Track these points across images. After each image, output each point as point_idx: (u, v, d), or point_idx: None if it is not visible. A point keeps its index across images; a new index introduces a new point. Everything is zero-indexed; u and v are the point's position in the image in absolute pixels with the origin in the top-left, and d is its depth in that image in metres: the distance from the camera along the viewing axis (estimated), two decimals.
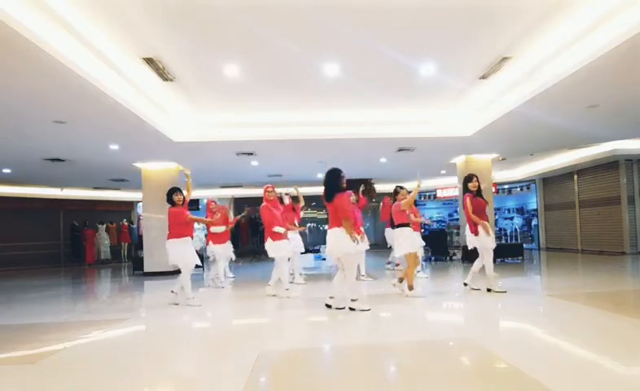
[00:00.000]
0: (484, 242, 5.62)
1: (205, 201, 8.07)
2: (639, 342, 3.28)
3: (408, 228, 5.62)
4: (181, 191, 5.66)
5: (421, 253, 6.32)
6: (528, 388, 2.40)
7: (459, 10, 4.28)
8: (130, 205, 17.11)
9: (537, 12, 4.41)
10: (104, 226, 15.48)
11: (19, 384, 2.87)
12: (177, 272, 5.66)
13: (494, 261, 9.84)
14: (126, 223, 15.75)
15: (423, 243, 6.39)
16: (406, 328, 4.10)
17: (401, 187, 6.00)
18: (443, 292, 6.02)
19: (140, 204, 14.64)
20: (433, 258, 11.05)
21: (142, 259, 9.87)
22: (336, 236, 4.57)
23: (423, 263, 10.65)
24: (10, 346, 3.82)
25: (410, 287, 5.48)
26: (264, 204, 5.89)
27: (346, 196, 4.63)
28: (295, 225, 6.98)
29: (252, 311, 5.18)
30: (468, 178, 5.80)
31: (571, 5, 4.31)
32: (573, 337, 3.48)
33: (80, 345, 3.82)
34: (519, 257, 10.19)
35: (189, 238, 5.59)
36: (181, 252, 5.45)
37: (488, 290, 5.64)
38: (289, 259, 6.34)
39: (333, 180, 4.67)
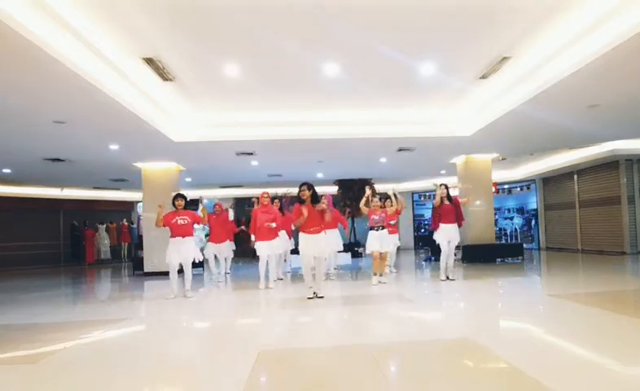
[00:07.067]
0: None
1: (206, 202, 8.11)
2: (639, 342, 3.28)
3: (373, 231, 6.72)
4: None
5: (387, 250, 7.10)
6: (528, 388, 2.40)
7: (459, 10, 4.28)
8: (130, 205, 17.12)
9: (537, 12, 4.41)
10: (104, 226, 15.47)
11: (19, 383, 2.87)
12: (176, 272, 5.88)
13: (494, 261, 9.90)
14: (126, 223, 15.74)
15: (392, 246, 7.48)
16: (406, 328, 4.11)
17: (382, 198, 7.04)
18: (442, 291, 6.02)
19: (140, 204, 14.64)
20: (433, 258, 11.04)
21: (142, 259, 9.87)
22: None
23: (423, 263, 10.70)
24: (10, 346, 3.82)
25: (374, 274, 6.62)
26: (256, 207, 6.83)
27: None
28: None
29: (253, 310, 5.18)
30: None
31: (571, 5, 4.31)
32: (573, 337, 3.48)
33: (80, 345, 3.82)
34: (519, 257, 10.18)
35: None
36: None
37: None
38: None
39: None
